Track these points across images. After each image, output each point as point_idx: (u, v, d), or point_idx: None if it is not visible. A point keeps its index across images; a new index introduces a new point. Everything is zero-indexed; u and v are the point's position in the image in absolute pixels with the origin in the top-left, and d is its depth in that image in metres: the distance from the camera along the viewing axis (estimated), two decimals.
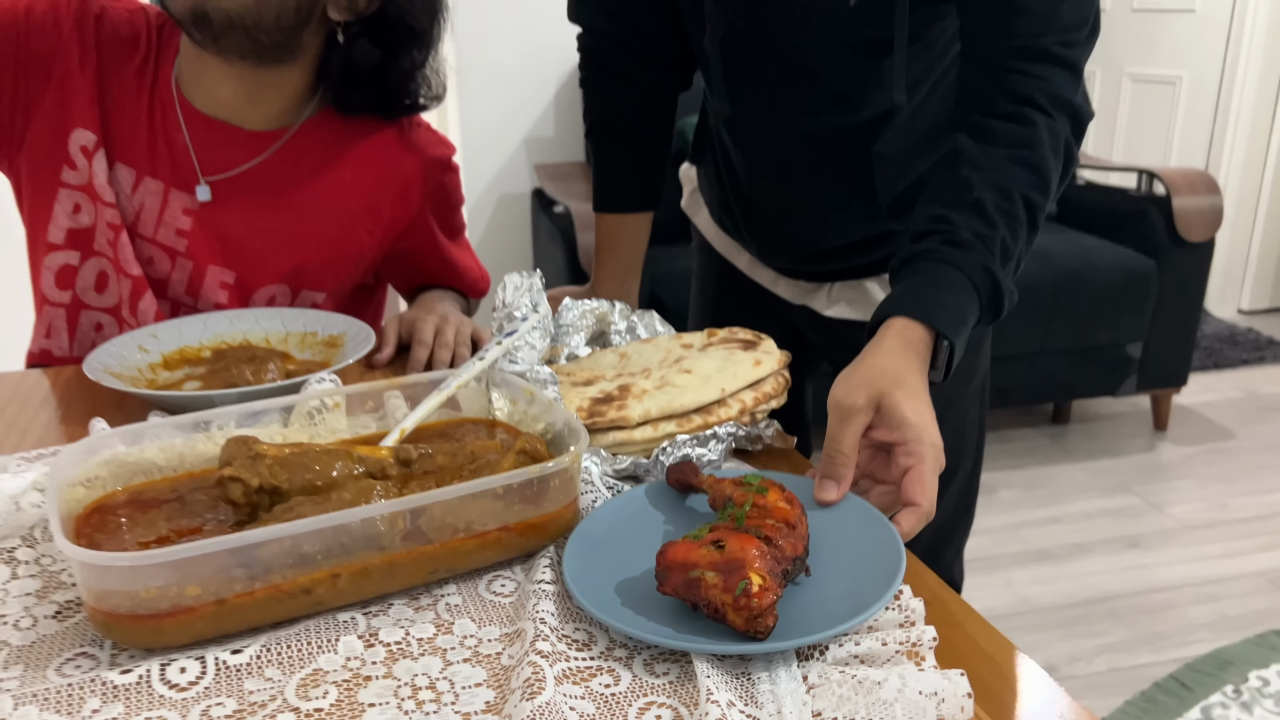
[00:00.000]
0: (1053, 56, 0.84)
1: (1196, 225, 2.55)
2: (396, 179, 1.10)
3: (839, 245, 1.08)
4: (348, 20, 1.01)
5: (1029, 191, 0.80)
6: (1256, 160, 3.58)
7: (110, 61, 1.00)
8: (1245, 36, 3.45)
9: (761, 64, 0.97)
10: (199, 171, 1.03)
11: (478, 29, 2.71)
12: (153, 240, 1.02)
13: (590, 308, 0.92)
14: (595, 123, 1.11)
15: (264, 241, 1.05)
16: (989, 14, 0.85)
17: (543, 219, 2.67)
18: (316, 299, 1.10)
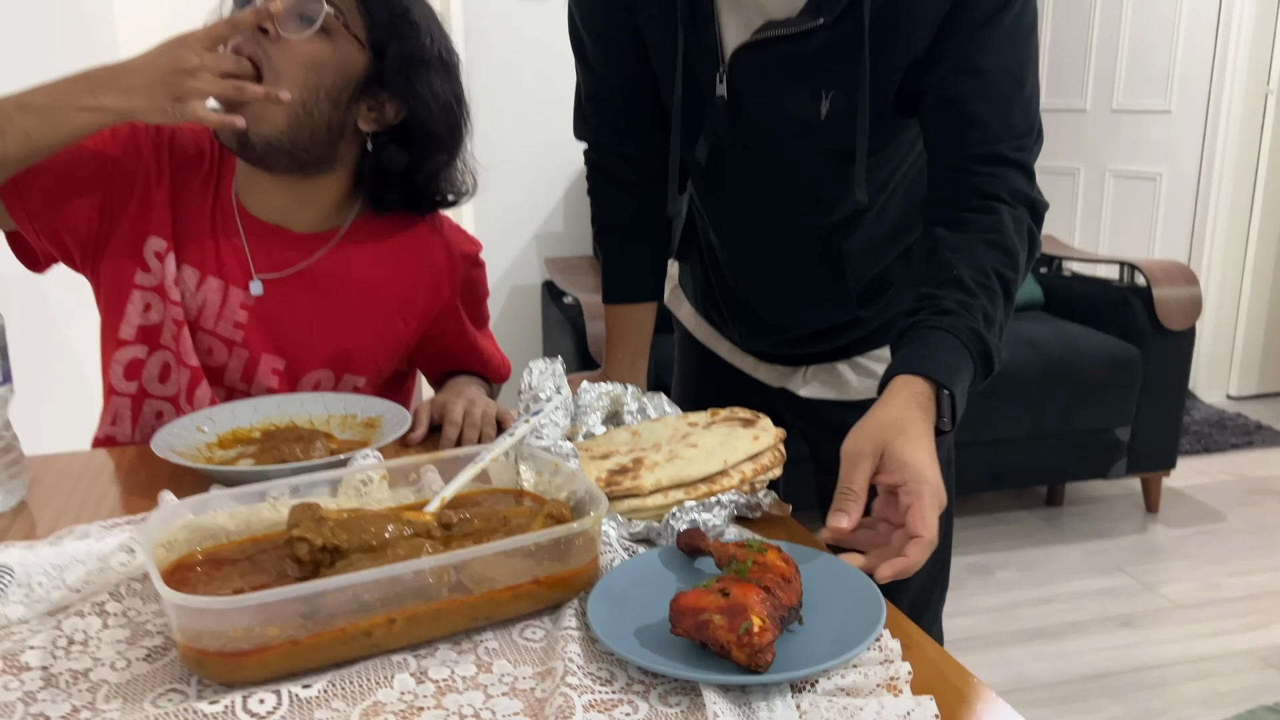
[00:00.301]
0: (1008, 160, 0.98)
1: (1177, 314, 2.67)
2: (430, 272, 1.22)
3: (813, 331, 1.23)
4: (376, 131, 1.13)
5: (1001, 268, 0.92)
6: (1236, 252, 3.72)
7: (180, 177, 1.13)
8: (1220, 135, 3.63)
9: (745, 172, 1.11)
10: (253, 270, 1.14)
11: (493, 134, 2.88)
12: (213, 333, 1.13)
13: (606, 390, 1.02)
14: (602, 226, 1.24)
15: (311, 331, 1.16)
16: (949, 128, 0.99)
17: (552, 309, 2.80)
18: (357, 383, 1.20)
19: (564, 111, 3.04)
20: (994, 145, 0.97)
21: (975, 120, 0.97)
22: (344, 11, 1.06)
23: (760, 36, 1.02)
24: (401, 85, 1.10)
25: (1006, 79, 0.97)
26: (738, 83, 1.06)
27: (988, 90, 0.97)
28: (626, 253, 1.23)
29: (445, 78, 1.14)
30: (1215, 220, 3.69)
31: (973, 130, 0.97)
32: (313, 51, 1.05)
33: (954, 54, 0.97)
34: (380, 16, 1.08)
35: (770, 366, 1.30)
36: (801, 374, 1.27)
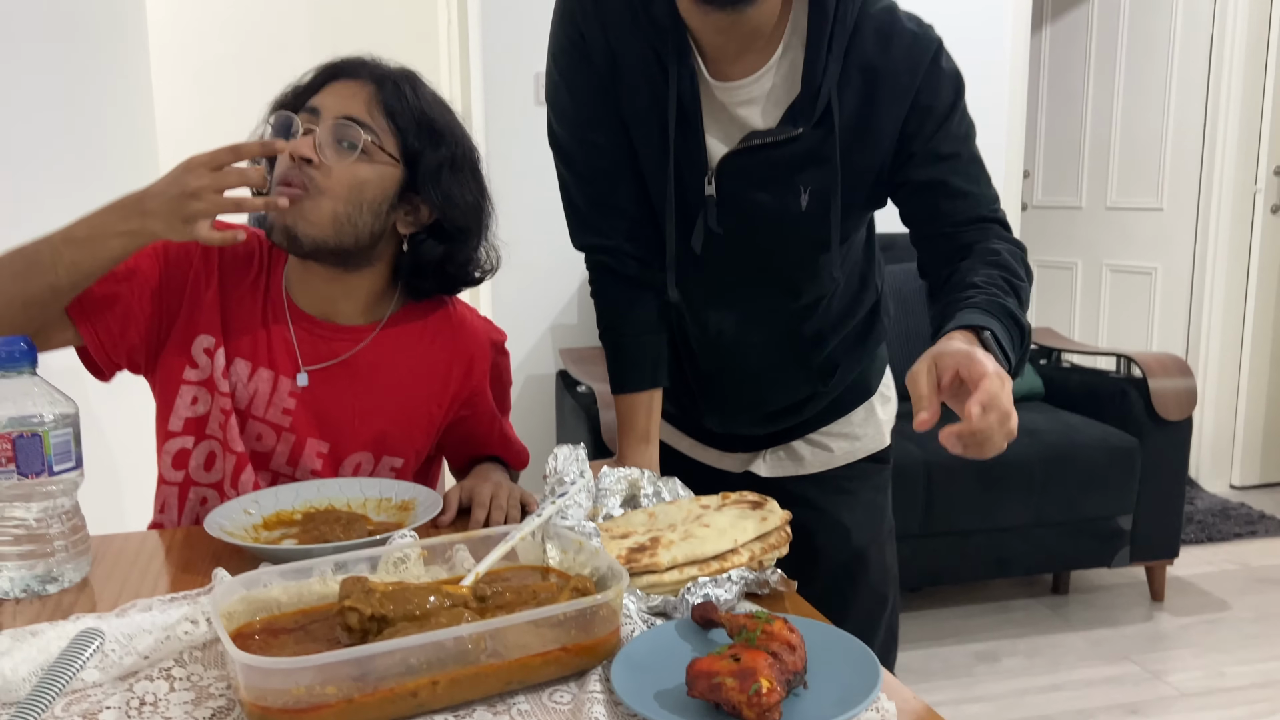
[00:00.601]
0: (988, 218, 1.17)
1: (1173, 405, 2.75)
2: (462, 359, 1.31)
3: (780, 408, 1.38)
4: (414, 231, 1.24)
5: (1007, 275, 1.09)
6: (1233, 343, 3.81)
7: (230, 279, 1.24)
8: (1211, 232, 3.75)
9: (729, 259, 1.24)
10: (301, 363, 1.24)
11: (509, 230, 3.01)
12: (263, 419, 1.22)
13: (624, 474, 1.10)
14: (608, 324, 1.32)
15: (353, 417, 1.25)
16: (933, 205, 1.16)
17: (567, 398, 2.88)
18: (395, 464, 1.29)
19: None
20: (975, 210, 1.16)
21: (955, 193, 1.16)
22: (379, 133, 1.17)
23: (744, 145, 1.17)
24: (433, 191, 1.21)
25: (970, 160, 1.18)
26: (725, 183, 1.19)
27: (959, 169, 1.16)
28: (633, 343, 1.32)
29: (471, 176, 1.26)
30: (1211, 313, 3.80)
31: (955, 202, 1.16)
32: (354, 172, 1.16)
33: (923, 148, 1.15)
34: (410, 132, 1.19)
35: (733, 455, 1.44)
36: (762, 456, 1.42)
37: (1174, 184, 3.86)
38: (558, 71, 1.25)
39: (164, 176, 1.07)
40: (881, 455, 1.45)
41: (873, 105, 1.14)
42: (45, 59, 1.86)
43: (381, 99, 1.18)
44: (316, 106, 1.17)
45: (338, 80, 1.19)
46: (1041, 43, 4.26)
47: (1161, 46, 3.86)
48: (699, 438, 1.47)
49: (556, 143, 1.29)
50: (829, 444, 1.42)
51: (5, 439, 0.93)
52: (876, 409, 1.44)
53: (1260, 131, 3.68)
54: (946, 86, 1.15)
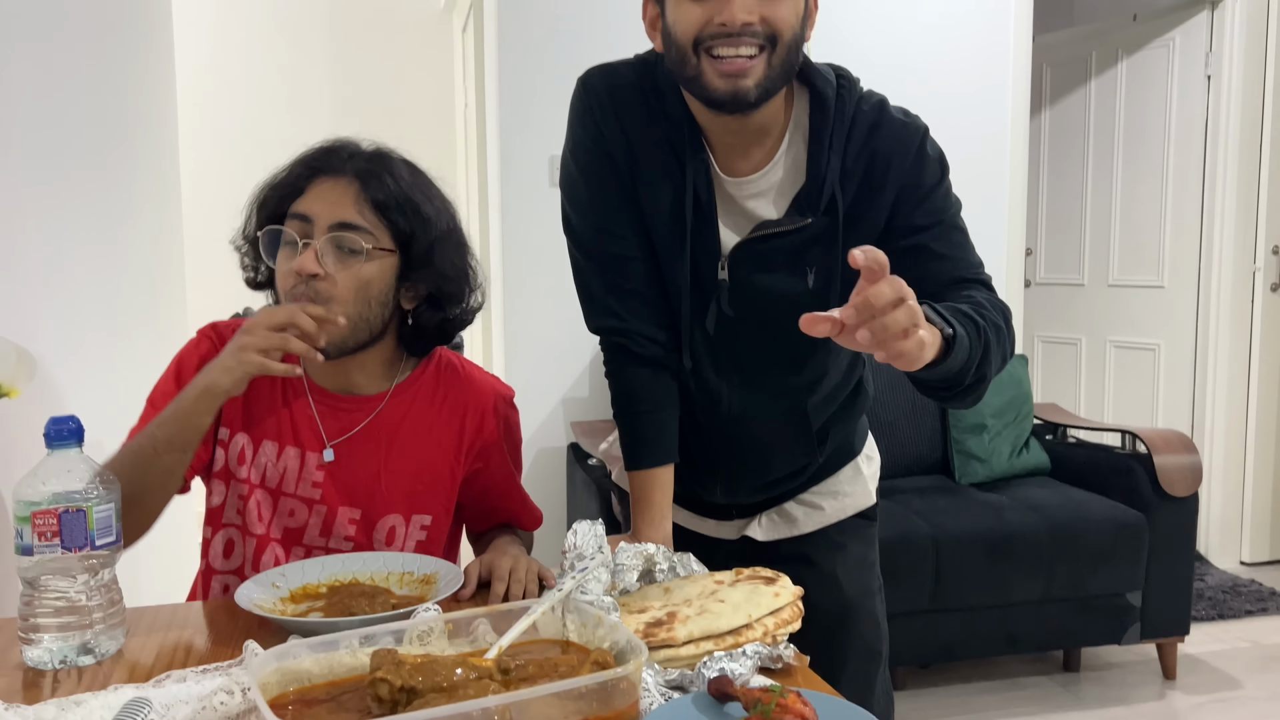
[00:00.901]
0: (971, 280, 1.21)
1: (1178, 481, 2.77)
2: (474, 412, 1.37)
3: (781, 475, 1.43)
4: (415, 305, 1.31)
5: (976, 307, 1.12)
6: (1238, 419, 3.84)
7: None
8: (1212, 308, 3.81)
9: (740, 338, 1.31)
10: (325, 438, 1.29)
11: (523, 306, 3.09)
12: (294, 495, 1.27)
13: (640, 550, 1.14)
14: (624, 403, 1.37)
15: (380, 480, 1.31)
16: (917, 268, 1.17)
17: (577, 471, 2.92)
18: (424, 521, 1.34)
19: None
20: (959, 272, 1.22)
21: (937, 256, 1.22)
22: (374, 231, 1.24)
23: (755, 235, 1.25)
24: (427, 269, 1.28)
25: (952, 228, 1.24)
26: (736, 268, 1.27)
27: (939, 236, 1.23)
28: (648, 421, 1.36)
29: (457, 242, 1.32)
30: (1215, 389, 3.83)
31: (939, 264, 1.21)
32: (358, 275, 1.23)
33: (906, 221, 1.23)
34: (400, 221, 1.25)
35: (730, 523, 1.49)
36: (757, 521, 1.47)
37: (1174, 262, 3.94)
38: (575, 165, 1.31)
39: (224, 349, 1.16)
40: (869, 513, 1.50)
41: (869, 190, 1.23)
42: (73, 60, 1.94)
43: (369, 195, 1.23)
44: (307, 214, 1.22)
45: (320, 179, 1.24)
46: (1041, 125, 4.38)
47: (1157, 128, 3.97)
48: (696, 509, 1.51)
49: (572, 230, 1.34)
50: (820, 503, 1.47)
51: (52, 514, 0.97)
52: (862, 468, 1.49)
53: (1257, 211, 3.76)
54: (931, 168, 1.24)
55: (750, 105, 1.16)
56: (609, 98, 1.28)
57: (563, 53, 3.07)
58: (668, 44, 1.19)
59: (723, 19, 1.12)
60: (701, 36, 1.13)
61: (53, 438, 1.00)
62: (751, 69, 1.14)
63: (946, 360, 1.03)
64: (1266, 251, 3.77)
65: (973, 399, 1.16)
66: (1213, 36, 3.77)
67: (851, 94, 1.25)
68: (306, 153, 1.28)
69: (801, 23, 1.18)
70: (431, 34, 4.82)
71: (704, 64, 1.15)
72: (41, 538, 0.97)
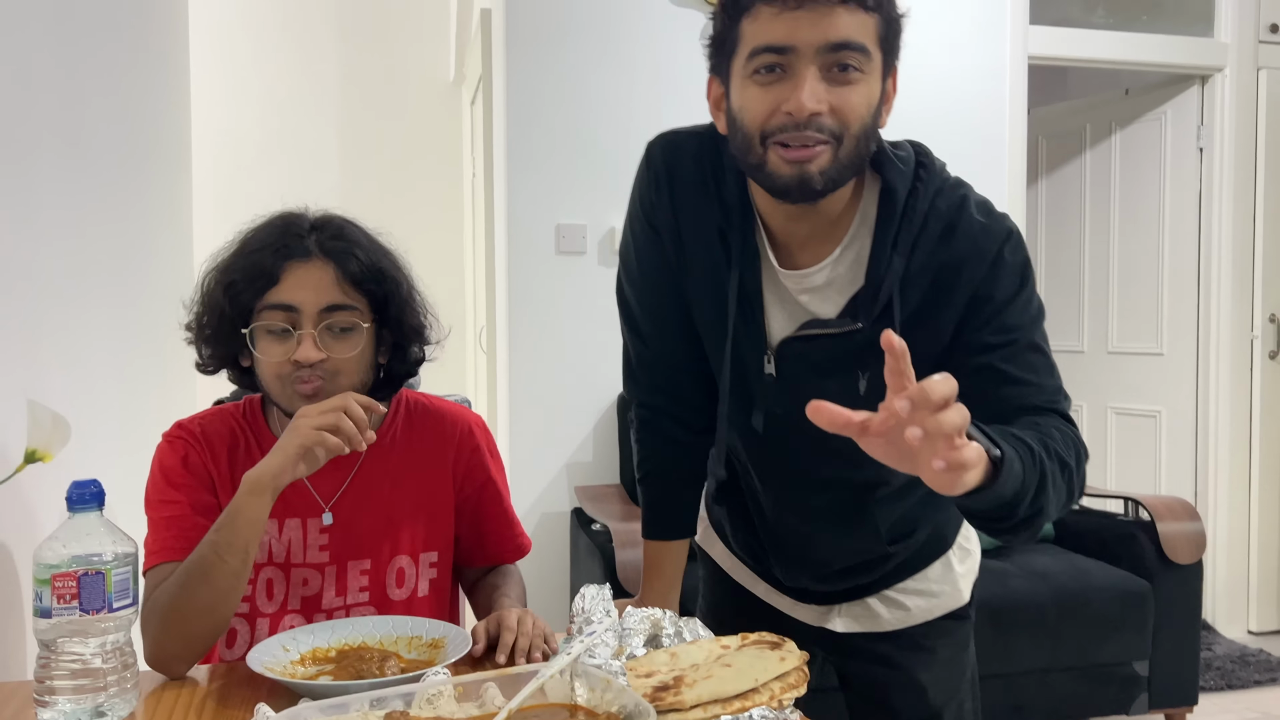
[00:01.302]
0: (1045, 409, 1.09)
1: (1182, 549, 2.77)
2: (454, 440, 1.41)
3: (848, 566, 1.34)
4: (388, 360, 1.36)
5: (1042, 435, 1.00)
6: (1241, 487, 3.84)
7: (231, 457, 1.32)
8: (1212, 376, 3.84)
9: (790, 435, 1.22)
10: (321, 503, 1.32)
11: (528, 371, 3.12)
12: (305, 564, 1.30)
13: (647, 614, 1.15)
14: (647, 471, 1.39)
15: (382, 526, 1.34)
16: (986, 390, 1.07)
17: (581, 536, 2.92)
18: (432, 559, 1.37)
19: (593, 353, 3.34)
20: (1031, 399, 1.09)
21: (1009, 380, 1.09)
22: (358, 306, 1.28)
23: (804, 332, 1.17)
24: (399, 327, 1.34)
25: (1030, 347, 1.11)
26: (784, 365, 1.20)
27: (1016, 356, 1.10)
28: (668, 496, 1.38)
29: (416, 300, 1.37)
30: (1217, 456, 3.84)
31: (1010, 389, 1.09)
32: (354, 349, 1.28)
33: (976, 336, 1.11)
34: (377, 291, 1.30)
35: (807, 606, 1.39)
36: (836, 611, 1.37)
37: (1173, 329, 3.97)
38: (630, 234, 1.30)
39: (275, 448, 1.19)
40: (961, 612, 1.39)
41: (935, 300, 1.12)
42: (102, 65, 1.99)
43: (346, 273, 1.27)
44: (291, 304, 1.25)
45: (294, 264, 1.26)
46: (1038, 195, 4.46)
47: (1152, 199, 4.04)
48: (774, 584, 1.43)
49: (621, 297, 1.34)
50: (905, 601, 1.36)
51: (71, 577, 0.99)
52: (954, 564, 1.38)
53: (1253, 280, 3.81)
54: (1008, 278, 1.11)
55: (816, 194, 1.08)
56: (666, 175, 1.23)
57: (569, 124, 3.15)
58: (732, 129, 1.12)
59: (790, 108, 1.04)
60: (769, 129, 1.06)
61: (74, 501, 1.02)
62: (817, 156, 1.05)
63: (994, 486, 0.90)
64: (1264, 319, 3.81)
65: (1026, 535, 1.03)
66: (1204, 110, 3.86)
67: (928, 188, 1.13)
68: (260, 236, 1.29)
69: (875, 111, 1.09)
70: (441, 106, 4.93)
71: (770, 153, 1.07)
72: (60, 600, 0.99)
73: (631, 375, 1.38)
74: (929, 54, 3.35)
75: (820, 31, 1.03)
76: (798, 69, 1.04)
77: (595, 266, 3.17)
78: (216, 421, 1.35)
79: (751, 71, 1.07)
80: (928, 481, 0.86)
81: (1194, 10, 3.83)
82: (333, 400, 1.19)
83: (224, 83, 4.64)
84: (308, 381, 1.25)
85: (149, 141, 2.50)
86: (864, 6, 1.04)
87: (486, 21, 3.50)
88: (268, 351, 1.26)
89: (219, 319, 1.28)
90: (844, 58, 1.04)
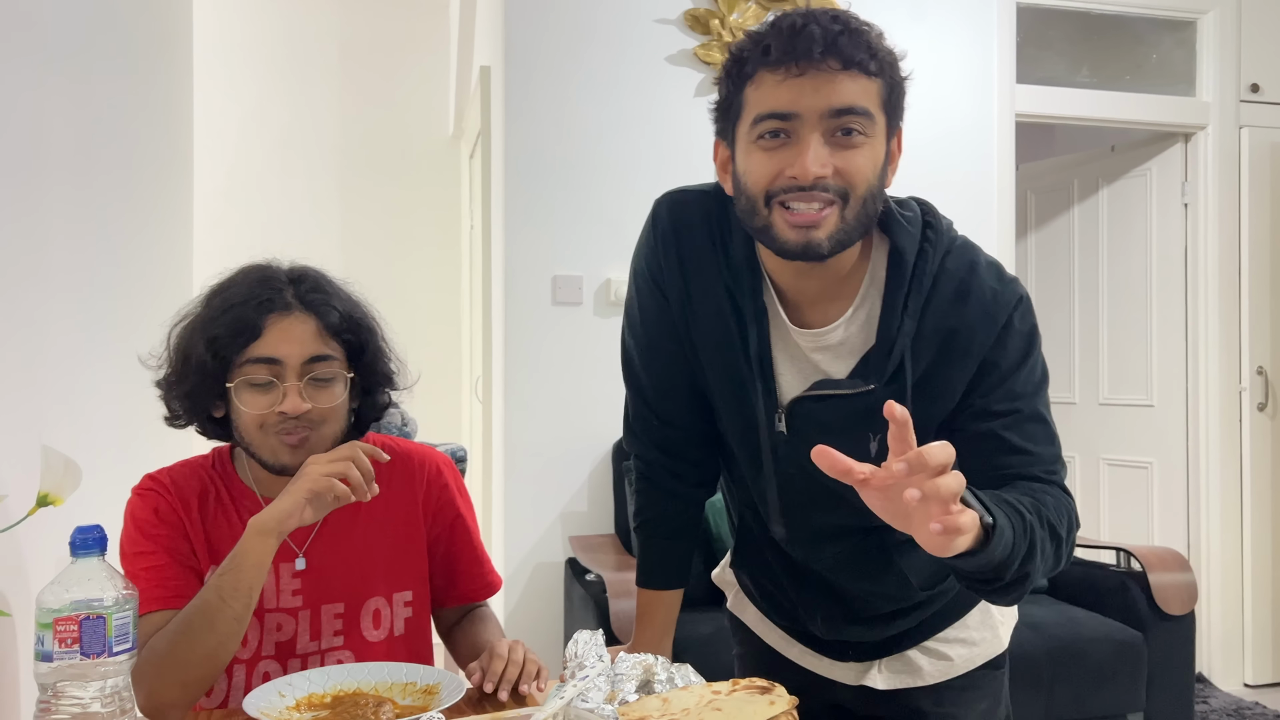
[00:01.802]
0: (1043, 479, 1.11)
1: (1174, 600, 2.78)
2: (423, 478, 1.44)
3: (884, 613, 1.33)
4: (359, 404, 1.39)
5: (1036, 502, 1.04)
6: (1233, 538, 3.86)
7: (200, 510, 1.33)
8: (1202, 428, 3.87)
9: (804, 490, 1.23)
10: (293, 546, 1.33)
11: (523, 421, 3.15)
12: (278, 610, 1.31)
13: (639, 660, 1.17)
14: (644, 521, 1.41)
15: (355, 569, 1.35)
16: (986, 457, 1.10)
17: (575, 586, 2.93)
18: (406, 598, 1.38)
19: (589, 404, 3.36)
20: (1029, 469, 1.11)
21: (1011, 448, 1.11)
22: (337, 356, 1.32)
23: (815, 392, 1.18)
24: (371, 374, 1.37)
25: (1032, 416, 1.13)
26: (795, 422, 1.20)
27: (1018, 425, 1.11)
28: (663, 547, 1.40)
29: (386, 347, 1.40)
30: (1209, 507, 3.86)
31: (1008, 457, 1.11)
32: (336, 397, 1.31)
33: (982, 402, 1.12)
34: (354, 340, 1.34)
35: (846, 665, 1.37)
36: (877, 667, 1.35)
37: (1162, 381, 4.01)
38: (635, 290, 1.31)
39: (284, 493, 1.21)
40: (999, 660, 1.39)
41: (945, 363, 1.13)
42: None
43: (324, 326, 1.31)
44: (276, 357, 1.27)
45: (275, 317, 1.28)
46: (1027, 249, 4.53)
47: (1139, 252, 4.10)
48: (809, 644, 1.41)
49: (626, 354, 1.36)
50: (947, 652, 1.35)
51: (73, 620, 1.01)
52: (992, 610, 1.37)
53: (1240, 332, 3.86)
54: (1016, 345, 1.13)
55: (822, 257, 1.09)
56: (673, 234, 1.24)
57: (566, 177, 3.21)
58: (738, 191, 1.13)
59: (794, 172, 1.05)
60: (773, 190, 1.07)
61: (77, 546, 1.04)
62: (823, 220, 1.06)
63: (985, 551, 0.93)
64: (1251, 372, 3.85)
65: (1012, 597, 1.05)
66: (1187, 167, 3.94)
67: (936, 249, 1.14)
68: (239, 289, 1.30)
69: (880, 172, 1.10)
70: (440, 159, 5.02)
71: (775, 215, 1.08)
72: (62, 644, 1.00)
73: (630, 429, 1.40)
74: (919, 111, 3.42)
75: (823, 97, 1.05)
76: (802, 134, 1.06)
77: (591, 317, 3.21)
78: (186, 473, 1.36)
79: (756, 137, 1.09)
80: (922, 542, 0.90)
81: (1176, 70, 3.93)
82: (342, 450, 1.22)
83: (226, 135, 4.72)
84: (293, 433, 1.28)
85: (152, 195, 2.55)
86: (866, 72, 1.06)
87: (486, 78, 3.58)
88: (251, 404, 1.27)
89: (199, 373, 1.28)
90: (847, 122, 1.06)
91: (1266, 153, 3.89)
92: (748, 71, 1.09)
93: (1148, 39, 3.90)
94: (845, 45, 1.04)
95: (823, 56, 1.04)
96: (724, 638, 1.58)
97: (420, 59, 5.03)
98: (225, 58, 4.76)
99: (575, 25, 3.22)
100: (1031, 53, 3.74)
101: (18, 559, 1.44)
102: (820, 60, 1.04)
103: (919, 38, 3.44)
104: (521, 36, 3.19)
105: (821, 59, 1.04)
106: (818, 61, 1.04)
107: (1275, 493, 3.87)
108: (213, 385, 1.29)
